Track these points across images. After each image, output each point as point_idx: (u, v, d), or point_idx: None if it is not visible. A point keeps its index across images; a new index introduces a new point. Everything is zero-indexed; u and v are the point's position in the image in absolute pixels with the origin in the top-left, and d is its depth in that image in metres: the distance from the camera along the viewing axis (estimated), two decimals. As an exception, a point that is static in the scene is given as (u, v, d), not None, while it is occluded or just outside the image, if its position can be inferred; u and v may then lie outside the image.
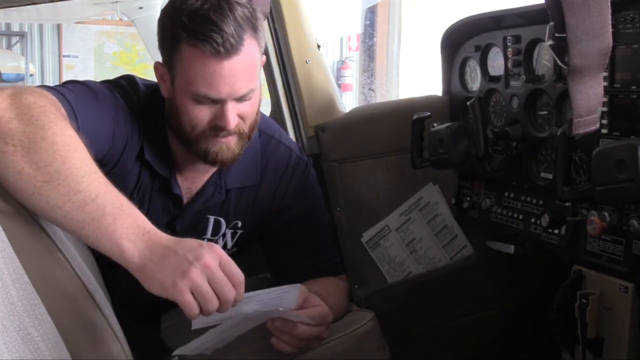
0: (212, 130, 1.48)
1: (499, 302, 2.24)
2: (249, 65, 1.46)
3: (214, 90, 1.43)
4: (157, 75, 1.55)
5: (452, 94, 2.13)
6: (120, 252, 1.13)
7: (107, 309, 1.26)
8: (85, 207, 1.13)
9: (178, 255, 1.12)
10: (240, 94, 1.46)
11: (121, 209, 1.15)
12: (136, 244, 1.13)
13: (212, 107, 1.46)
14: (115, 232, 1.13)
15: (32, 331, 1.08)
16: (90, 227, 1.13)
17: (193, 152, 1.52)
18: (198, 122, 1.48)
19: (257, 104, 1.54)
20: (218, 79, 1.42)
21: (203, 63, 1.41)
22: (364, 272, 2.17)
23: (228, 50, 1.40)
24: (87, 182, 1.15)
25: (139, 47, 9.16)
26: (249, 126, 1.53)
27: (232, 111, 1.46)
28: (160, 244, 1.14)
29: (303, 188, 1.74)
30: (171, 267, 1.12)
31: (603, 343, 1.58)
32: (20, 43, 9.41)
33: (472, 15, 1.99)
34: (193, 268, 1.11)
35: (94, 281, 1.27)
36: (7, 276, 1.07)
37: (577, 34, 1.24)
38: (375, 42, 10.57)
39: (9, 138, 1.13)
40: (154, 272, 1.13)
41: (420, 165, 1.98)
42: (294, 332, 1.42)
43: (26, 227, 1.14)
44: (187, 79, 1.45)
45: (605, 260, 1.56)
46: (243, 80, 1.45)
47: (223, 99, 1.45)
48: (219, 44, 1.39)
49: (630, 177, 1.32)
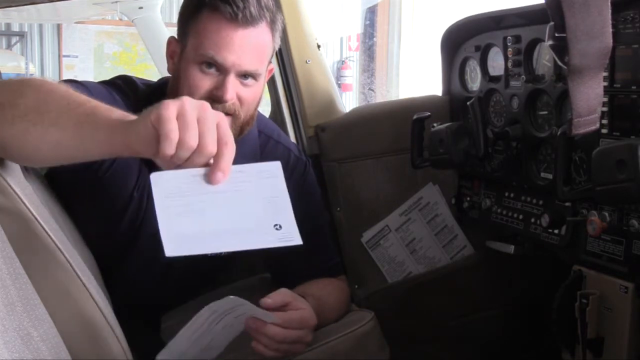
0: (209, 100, 1.47)
1: (499, 302, 2.24)
2: (261, 45, 1.49)
3: (221, 54, 1.45)
4: (168, 51, 1.58)
5: (452, 94, 2.13)
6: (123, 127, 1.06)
7: (107, 309, 1.26)
8: (77, 109, 1.10)
9: None
10: (244, 67, 1.47)
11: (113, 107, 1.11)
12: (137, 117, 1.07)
13: (213, 77, 1.48)
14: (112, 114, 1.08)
15: (32, 331, 1.08)
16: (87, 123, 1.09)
17: None
18: (197, 90, 1.48)
19: (257, 96, 1.55)
20: (228, 44, 1.45)
21: (218, 26, 1.45)
22: (364, 272, 2.17)
23: (246, 18, 1.44)
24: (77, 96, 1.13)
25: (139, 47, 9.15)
26: (245, 113, 1.53)
27: (232, 85, 1.48)
28: None
29: (302, 188, 1.74)
30: None
31: (603, 343, 1.58)
32: (20, 43, 9.41)
33: (472, 15, 1.99)
34: (187, 100, 1.04)
35: (94, 281, 1.27)
36: (7, 276, 1.07)
37: (577, 34, 1.24)
38: (375, 42, 10.57)
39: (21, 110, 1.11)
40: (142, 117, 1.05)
41: (420, 165, 1.98)
42: (267, 333, 1.37)
43: (26, 227, 1.14)
44: (197, 43, 1.47)
45: (606, 260, 1.56)
46: (251, 56, 1.47)
47: (227, 67, 1.46)
48: (239, 8, 1.43)
49: (630, 177, 1.32)
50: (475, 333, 2.22)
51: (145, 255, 1.61)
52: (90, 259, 1.48)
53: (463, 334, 2.21)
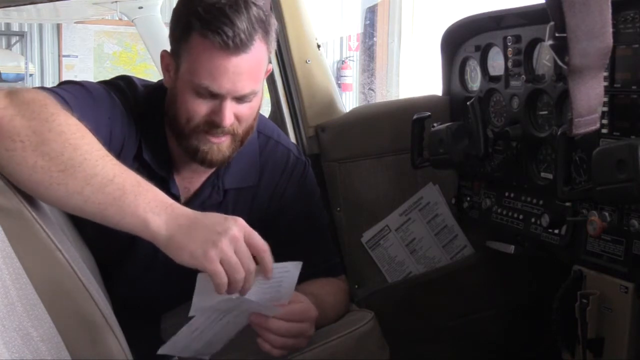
0: (207, 125, 1.48)
1: (499, 302, 2.24)
2: (255, 66, 1.46)
3: (216, 84, 1.43)
4: (163, 64, 1.55)
5: (452, 94, 2.13)
6: (146, 226, 1.16)
7: (107, 309, 1.26)
8: (105, 188, 1.16)
9: (207, 227, 1.17)
10: (241, 93, 1.46)
11: (140, 186, 1.18)
12: (161, 216, 1.17)
13: (210, 102, 1.46)
14: (138, 208, 1.16)
15: (32, 331, 1.08)
16: (112, 207, 1.16)
17: (184, 148, 1.52)
18: (194, 115, 1.47)
19: (256, 109, 1.54)
20: (222, 73, 1.42)
21: (210, 55, 1.42)
22: (364, 272, 2.17)
23: (237, 45, 1.41)
24: (101, 164, 1.17)
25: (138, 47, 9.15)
26: (243, 129, 1.52)
27: (230, 109, 1.46)
28: (186, 216, 1.19)
29: (301, 188, 1.74)
30: (201, 238, 1.16)
31: (603, 343, 1.58)
32: (20, 43, 9.41)
33: (472, 15, 1.99)
34: (223, 239, 1.16)
35: (94, 281, 1.27)
36: (7, 276, 1.07)
37: (577, 33, 1.24)
38: (375, 42, 10.57)
39: (15, 135, 1.14)
40: (184, 242, 1.16)
41: (420, 165, 1.98)
42: (270, 327, 1.38)
43: (26, 227, 1.14)
44: (191, 69, 1.45)
45: (606, 260, 1.56)
46: (246, 80, 1.45)
47: (223, 94, 1.45)
48: (229, 37, 1.40)
49: (630, 177, 1.32)
50: (475, 333, 2.22)
51: (145, 255, 1.61)
52: (90, 259, 1.48)
53: (463, 334, 2.21)
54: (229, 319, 1.35)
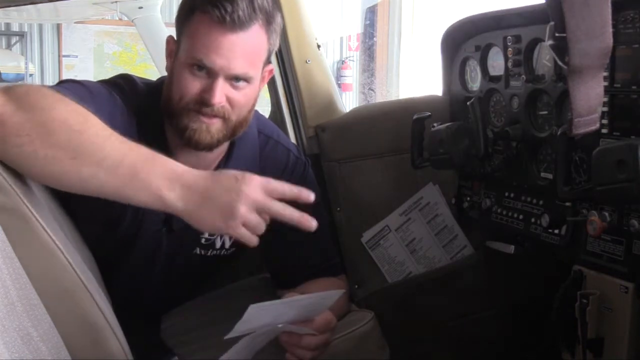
0: (198, 104, 1.48)
1: (498, 302, 2.23)
2: (251, 48, 1.48)
3: (209, 58, 1.45)
4: (167, 50, 1.58)
5: (452, 94, 2.13)
6: (162, 202, 1.19)
7: (107, 309, 1.26)
8: (117, 170, 1.17)
9: (221, 197, 1.19)
10: (234, 72, 1.46)
11: (150, 161, 1.20)
12: (175, 190, 1.19)
13: (203, 80, 1.47)
14: (151, 185, 1.18)
15: (32, 331, 1.08)
16: (127, 188, 1.18)
17: (175, 127, 1.52)
18: (186, 92, 1.48)
19: (251, 99, 1.54)
20: (216, 48, 1.44)
21: (208, 30, 1.44)
22: (364, 272, 2.17)
23: (234, 21, 1.43)
24: (109, 146, 1.19)
25: (138, 47, 9.15)
26: (236, 117, 1.52)
27: (221, 88, 1.47)
28: (198, 186, 1.20)
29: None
30: (218, 210, 1.19)
31: (603, 343, 1.58)
32: (20, 43, 9.41)
33: (472, 15, 1.99)
34: (241, 206, 1.19)
35: (94, 281, 1.27)
36: (7, 276, 1.07)
37: (577, 33, 1.24)
38: (375, 42, 10.57)
39: (20, 130, 1.15)
40: (203, 216, 1.19)
41: (420, 165, 1.98)
42: (302, 344, 1.43)
43: (26, 227, 1.14)
44: (189, 46, 1.47)
45: (606, 260, 1.56)
46: (240, 59, 1.46)
47: (216, 70, 1.45)
48: (227, 11, 1.42)
49: (630, 177, 1.32)
50: (475, 333, 2.22)
51: (145, 255, 1.61)
52: (90, 259, 1.48)
53: (463, 334, 2.21)
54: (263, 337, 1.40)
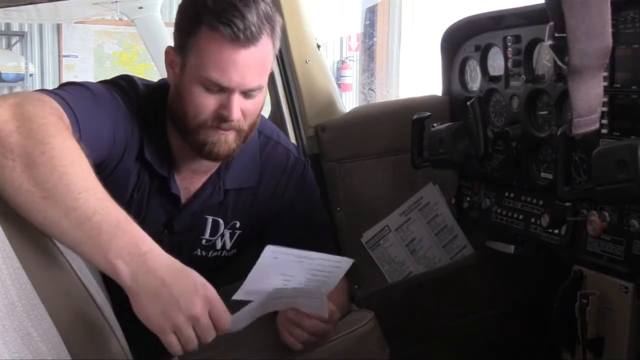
0: (215, 120, 1.48)
1: (499, 302, 2.24)
2: (263, 60, 1.47)
3: (225, 77, 1.43)
4: (167, 60, 1.55)
5: (452, 94, 2.13)
6: (114, 272, 1.13)
7: (107, 309, 1.26)
8: (81, 226, 1.12)
9: (171, 297, 1.13)
10: (249, 86, 1.46)
11: (117, 227, 1.14)
12: (130, 265, 1.12)
13: (218, 96, 1.46)
14: (110, 252, 1.12)
15: (32, 331, 1.08)
16: (86, 245, 1.13)
17: (190, 143, 1.52)
18: (202, 110, 1.47)
19: (260, 105, 1.54)
20: (231, 66, 1.43)
21: (219, 48, 1.42)
22: (364, 272, 2.17)
23: (248, 38, 1.41)
24: (84, 198, 1.13)
25: (139, 47, 9.14)
26: (248, 125, 1.53)
27: (237, 103, 1.47)
28: (155, 275, 1.13)
29: (301, 189, 1.74)
30: (160, 307, 1.13)
31: (603, 343, 1.58)
32: (20, 43, 9.40)
33: (472, 15, 1.99)
34: (181, 316, 1.13)
35: (94, 282, 1.27)
36: (7, 276, 1.07)
37: (577, 33, 1.24)
38: (375, 42, 10.56)
39: (8, 152, 1.12)
40: (143, 303, 1.13)
41: (420, 165, 1.98)
42: (306, 324, 1.42)
43: (26, 227, 1.14)
44: (199, 63, 1.45)
45: (606, 260, 1.56)
46: (255, 74, 1.46)
47: (232, 88, 1.45)
48: (240, 29, 1.40)
49: (630, 177, 1.32)
50: (475, 333, 2.22)
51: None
52: (90, 259, 1.47)
53: (463, 334, 2.21)
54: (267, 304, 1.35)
